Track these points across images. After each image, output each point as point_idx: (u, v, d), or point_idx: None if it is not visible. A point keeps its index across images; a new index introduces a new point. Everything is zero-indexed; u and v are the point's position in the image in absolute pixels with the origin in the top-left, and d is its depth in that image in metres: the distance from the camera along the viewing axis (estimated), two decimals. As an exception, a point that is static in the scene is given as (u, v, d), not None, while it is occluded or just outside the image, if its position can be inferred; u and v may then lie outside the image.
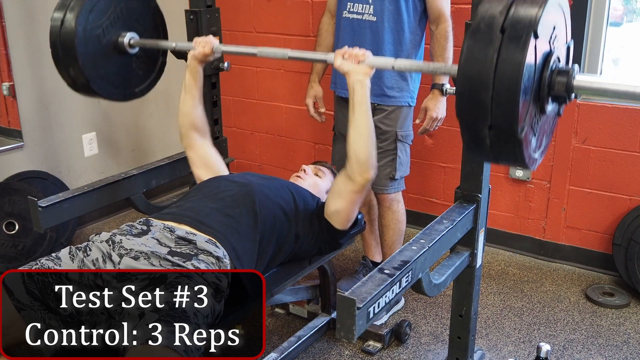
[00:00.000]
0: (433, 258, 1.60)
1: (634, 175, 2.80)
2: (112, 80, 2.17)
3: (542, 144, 1.42)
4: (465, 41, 1.22)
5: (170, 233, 1.70)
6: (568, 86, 1.29)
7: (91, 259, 1.63)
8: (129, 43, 2.16)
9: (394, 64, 1.69)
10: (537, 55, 1.22)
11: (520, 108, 1.18)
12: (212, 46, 2.04)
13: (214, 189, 1.92)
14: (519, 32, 1.18)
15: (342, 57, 1.77)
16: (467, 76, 1.22)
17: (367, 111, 1.76)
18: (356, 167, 1.79)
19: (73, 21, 2.00)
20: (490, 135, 1.23)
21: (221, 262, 1.66)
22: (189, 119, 2.12)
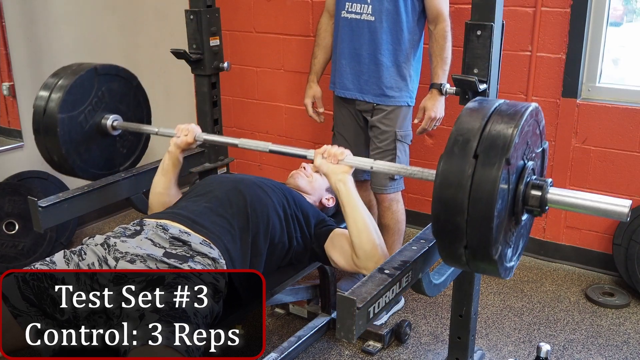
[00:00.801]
0: (433, 258, 1.60)
1: (634, 175, 2.80)
2: (95, 163, 2.19)
3: (519, 247, 1.46)
4: (440, 164, 1.26)
5: (164, 232, 1.69)
6: (542, 200, 1.33)
7: (87, 263, 1.62)
8: (112, 125, 2.16)
9: (372, 164, 1.70)
10: (510, 176, 1.25)
11: (494, 231, 1.22)
12: (194, 134, 2.03)
13: (207, 187, 1.93)
14: (491, 159, 1.21)
15: (322, 156, 1.75)
16: (442, 200, 1.26)
17: (357, 206, 1.73)
18: (364, 259, 1.74)
19: (55, 108, 2.00)
20: (466, 254, 1.27)
21: (217, 263, 1.66)
22: (162, 200, 2.09)
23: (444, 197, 1.25)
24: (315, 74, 2.70)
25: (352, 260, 1.78)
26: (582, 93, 2.89)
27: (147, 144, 2.38)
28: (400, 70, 2.47)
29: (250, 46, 3.68)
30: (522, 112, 1.28)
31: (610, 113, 2.79)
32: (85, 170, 2.16)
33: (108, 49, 3.38)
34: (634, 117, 2.74)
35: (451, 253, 1.30)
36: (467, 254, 1.27)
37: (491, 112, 1.28)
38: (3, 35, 2.99)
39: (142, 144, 2.37)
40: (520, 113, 1.27)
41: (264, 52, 3.65)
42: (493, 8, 1.66)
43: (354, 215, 1.73)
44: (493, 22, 1.63)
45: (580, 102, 2.84)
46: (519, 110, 1.29)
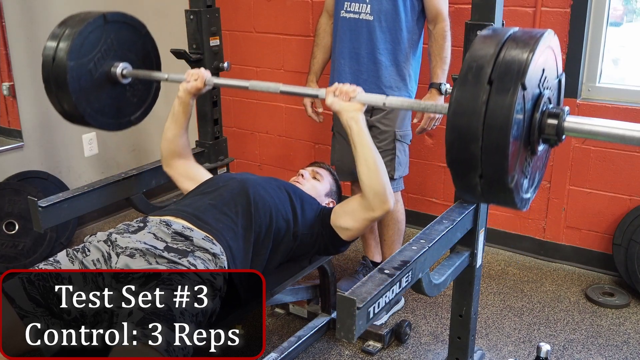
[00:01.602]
0: (433, 258, 1.60)
1: (634, 175, 2.80)
2: (106, 112, 2.15)
3: (535, 180, 1.43)
4: (454, 92, 1.23)
5: (167, 227, 1.70)
6: (558, 129, 1.30)
7: (91, 259, 1.63)
8: (122, 74, 2.14)
9: (384, 100, 1.69)
10: (525, 103, 1.22)
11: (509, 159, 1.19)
12: (204, 79, 2.04)
13: (211, 187, 1.93)
14: (506, 85, 1.18)
15: (333, 94, 1.76)
16: (456, 128, 1.23)
17: (368, 144, 1.76)
18: (374, 200, 1.78)
19: (65, 56, 1.98)
20: (482, 184, 1.25)
21: (218, 259, 1.66)
22: (172, 147, 2.12)
23: (458, 125, 1.22)
24: (314, 73, 2.70)
25: (360, 208, 1.82)
26: (582, 93, 2.89)
27: (157, 94, 2.34)
28: (400, 70, 2.47)
29: (250, 46, 3.68)
30: (537, 37, 1.24)
31: (610, 113, 2.79)
32: (95, 119, 2.12)
33: (108, 49, 3.38)
34: (634, 117, 2.74)
35: (466, 183, 1.27)
36: (482, 183, 1.24)
37: (505, 39, 1.24)
38: (3, 35, 2.99)
39: (153, 93, 2.32)
40: (535, 38, 1.23)
41: (264, 52, 3.66)
42: (493, 8, 1.66)
43: (364, 153, 1.75)
44: (493, 22, 1.63)
45: (580, 102, 2.84)
46: (534, 35, 1.25)
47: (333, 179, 2.25)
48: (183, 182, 2.13)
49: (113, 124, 2.20)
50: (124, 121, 2.23)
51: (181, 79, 2.07)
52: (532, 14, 2.83)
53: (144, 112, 2.31)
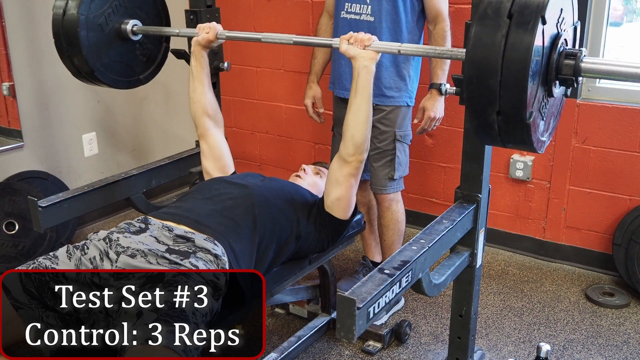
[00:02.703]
0: (433, 258, 1.60)
1: (634, 175, 2.80)
2: (116, 69, 2.18)
3: (550, 126, 1.42)
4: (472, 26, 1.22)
5: (169, 232, 1.70)
6: (576, 69, 1.29)
7: (89, 257, 1.63)
8: (132, 30, 2.16)
9: (399, 48, 1.70)
10: (544, 40, 1.21)
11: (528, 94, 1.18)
12: (215, 32, 2.05)
13: (214, 191, 1.93)
14: (526, 17, 1.17)
15: (348, 41, 1.78)
16: (475, 62, 1.21)
17: (368, 96, 1.79)
18: (351, 149, 1.83)
19: (75, 10, 2.01)
20: (499, 121, 1.24)
21: (219, 260, 1.66)
22: (201, 106, 2.14)
23: (477, 60, 1.21)
24: (315, 74, 2.70)
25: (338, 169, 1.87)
26: (582, 93, 2.89)
27: (167, 54, 2.37)
28: (400, 71, 2.47)
29: (250, 46, 3.68)
30: None
31: (610, 113, 2.79)
32: (105, 76, 2.15)
33: (108, 49, 3.38)
34: (634, 117, 2.74)
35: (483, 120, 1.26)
36: (500, 120, 1.23)
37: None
38: (3, 35, 2.99)
39: (162, 53, 2.35)
40: None
41: (264, 52, 3.65)
42: (493, 8, 1.66)
43: (361, 103, 1.79)
44: (493, 21, 1.63)
45: (580, 102, 2.84)
46: None
47: None
48: (207, 158, 2.16)
49: (122, 82, 2.23)
50: (133, 79, 2.27)
51: (193, 33, 2.09)
52: (532, 14, 2.83)
53: (153, 72, 2.34)
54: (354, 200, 1.97)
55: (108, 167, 3.56)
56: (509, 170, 3.07)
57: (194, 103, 2.15)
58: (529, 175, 3.02)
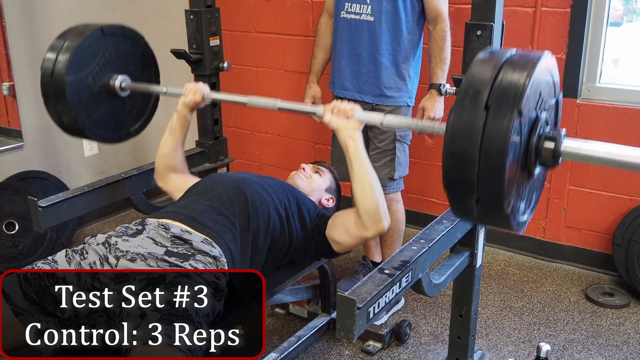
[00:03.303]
0: (433, 258, 1.60)
1: (634, 175, 2.80)
2: (106, 125, 2.15)
3: (532, 201, 1.43)
4: (451, 117, 1.24)
5: (165, 231, 1.69)
6: (555, 152, 1.31)
7: (88, 262, 1.62)
8: (121, 86, 2.14)
9: (382, 120, 1.68)
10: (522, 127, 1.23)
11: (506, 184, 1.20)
12: (202, 94, 2.03)
13: (208, 186, 1.93)
14: (502, 110, 1.18)
15: (331, 112, 1.76)
16: (453, 153, 1.23)
17: (364, 163, 1.75)
18: (367, 220, 1.75)
19: (63, 71, 1.98)
20: (478, 208, 1.25)
21: (218, 262, 1.66)
22: (168, 161, 2.10)
23: (455, 150, 1.22)
24: (314, 74, 2.70)
25: (355, 226, 1.79)
26: (582, 93, 2.89)
27: (157, 104, 2.34)
28: (400, 71, 2.47)
29: (250, 46, 3.68)
30: (534, 61, 1.24)
31: (610, 113, 2.79)
32: (95, 132, 2.13)
33: (108, 49, 3.38)
34: (634, 117, 2.74)
35: (463, 207, 1.27)
36: (479, 208, 1.24)
37: (503, 63, 1.25)
38: (3, 35, 2.99)
39: (152, 104, 2.33)
40: (532, 62, 1.23)
41: (264, 52, 3.65)
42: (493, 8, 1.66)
43: (360, 172, 1.74)
44: (493, 22, 1.63)
45: (580, 102, 2.84)
46: (531, 59, 1.25)
47: (333, 178, 2.25)
48: (178, 195, 2.08)
49: (113, 137, 2.20)
50: (124, 133, 2.24)
51: (180, 93, 2.07)
52: (532, 14, 2.83)
53: (143, 124, 2.31)
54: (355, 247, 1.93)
55: (108, 167, 3.56)
56: (509, 170, 3.07)
57: (161, 156, 2.11)
58: (529, 175, 3.02)
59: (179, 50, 2.36)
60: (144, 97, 2.27)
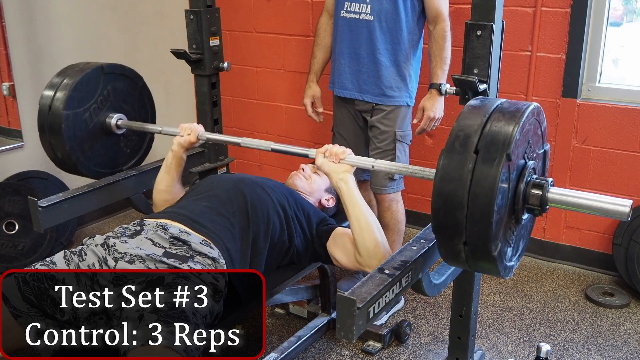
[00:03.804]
0: (433, 258, 1.60)
1: (634, 175, 2.80)
2: (99, 161, 2.20)
3: (519, 248, 1.45)
4: (441, 159, 1.26)
5: (164, 231, 1.69)
6: (542, 200, 1.33)
7: (87, 264, 1.62)
8: (117, 124, 2.18)
9: (374, 164, 1.70)
10: (510, 173, 1.25)
11: (494, 227, 1.21)
12: (197, 134, 2.04)
13: (207, 188, 1.93)
14: (492, 154, 1.21)
15: (323, 155, 1.76)
16: (442, 194, 1.25)
17: (359, 204, 1.73)
18: (368, 260, 1.74)
19: (61, 106, 2.01)
20: (466, 251, 1.27)
21: (217, 263, 1.66)
22: (166, 197, 2.10)
23: (444, 192, 1.25)
24: (314, 73, 2.70)
25: (355, 259, 1.78)
26: (582, 93, 2.89)
27: (151, 144, 2.39)
28: (400, 70, 2.47)
29: (250, 46, 3.68)
30: (523, 110, 1.28)
31: (610, 113, 2.79)
32: (88, 168, 2.17)
33: (108, 48, 3.38)
34: (634, 117, 2.74)
35: (450, 249, 1.30)
36: (467, 250, 1.26)
37: (492, 110, 1.29)
38: (3, 35, 2.99)
39: (146, 144, 2.38)
40: (521, 111, 1.28)
41: (264, 52, 3.65)
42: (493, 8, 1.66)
43: (356, 213, 1.73)
44: (493, 22, 1.63)
45: (580, 102, 2.84)
46: (520, 108, 1.29)
47: None
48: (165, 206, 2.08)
49: (105, 174, 2.23)
50: (116, 171, 2.27)
51: (174, 133, 2.08)
52: (532, 14, 2.83)
53: (136, 162, 2.36)
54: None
55: (108, 167, 3.55)
56: (509, 170, 3.07)
57: (157, 192, 2.11)
58: (529, 175, 3.02)
59: (179, 50, 2.36)
60: (138, 137, 2.33)
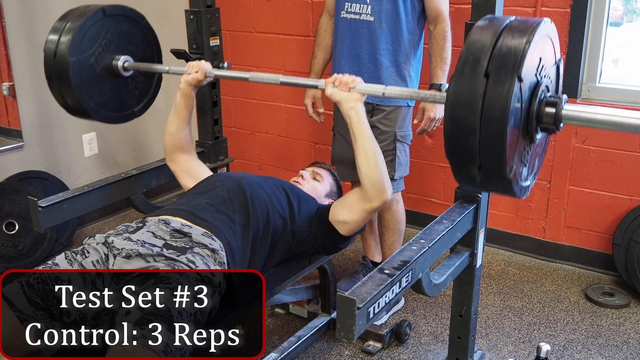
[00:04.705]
0: (433, 258, 1.60)
1: (634, 175, 2.80)
2: (109, 105, 2.18)
3: (535, 167, 1.43)
4: (451, 85, 1.24)
5: (166, 225, 1.70)
6: (556, 117, 1.30)
7: (90, 261, 1.63)
8: (123, 67, 2.16)
9: (384, 90, 1.70)
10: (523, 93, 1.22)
11: (507, 150, 1.20)
12: (204, 71, 2.05)
13: (209, 186, 1.94)
14: (502, 77, 1.18)
15: (333, 84, 1.78)
16: (454, 121, 1.24)
17: (367, 134, 1.77)
18: (372, 191, 1.79)
19: (66, 52, 1.99)
20: (480, 175, 1.26)
21: (217, 255, 1.66)
22: (175, 140, 2.13)
23: (456, 119, 1.23)
24: (315, 74, 2.70)
25: (359, 200, 1.83)
26: (582, 93, 2.89)
27: (159, 84, 2.37)
28: (400, 71, 2.47)
29: (250, 46, 3.68)
30: (533, 26, 1.24)
31: (610, 113, 2.79)
32: (99, 113, 2.15)
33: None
34: (634, 117, 2.74)
35: (465, 174, 1.28)
36: (481, 174, 1.25)
37: (502, 29, 1.24)
38: (3, 35, 2.99)
39: (155, 85, 2.35)
40: (532, 28, 1.23)
41: (264, 52, 3.65)
42: (493, 8, 1.66)
43: (363, 143, 1.76)
44: (493, 21, 1.63)
45: (580, 102, 2.84)
46: (530, 25, 1.25)
47: (333, 180, 2.25)
48: (184, 178, 2.13)
49: (116, 117, 2.23)
50: (127, 113, 2.26)
51: (182, 72, 2.09)
52: (532, 14, 2.83)
53: (146, 104, 2.33)
54: (362, 226, 1.95)
55: (108, 167, 3.56)
56: (509, 170, 3.07)
57: (168, 134, 2.13)
58: (529, 175, 3.02)
59: (179, 50, 2.36)
60: (146, 78, 2.30)
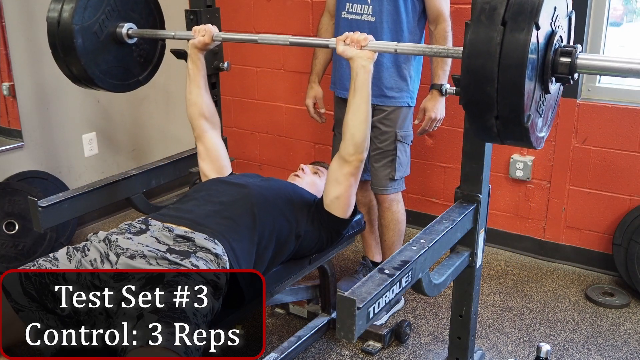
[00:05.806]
0: (433, 258, 1.60)
1: (634, 175, 2.80)
2: (114, 73, 2.20)
3: (549, 119, 1.44)
4: (468, 34, 1.23)
5: (169, 232, 1.70)
6: (572, 66, 1.31)
7: (89, 259, 1.63)
8: (127, 34, 2.17)
9: (396, 47, 1.71)
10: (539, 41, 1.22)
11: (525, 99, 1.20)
12: (211, 34, 2.06)
13: (212, 193, 1.93)
14: (520, 24, 1.19)
15: (344, 42, 1.79)
16: (471, 69, 1.23)
17: (366, 95, 1.80)
18: (351, 148, 1.84)
19: (69, 20, 2.01)
20: (497, 125, 1.26)
21: (220, 259, 1.66)
22: (197, 108, 2.14)
23: (473, 67, 1.23)
24: (316, 74, 2.69)
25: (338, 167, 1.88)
26: (582, 93, 2.89)
27: (163, 51, 2.38)
28: (401, 71, 2.47)
29: (250, 46, 3.68)
30: None
31: (610, 113, 2.79)
32: (104, 81, 2.17)
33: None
34: (634, 117, 2.74)
35: (482, 125, 1.28)
36: (498, 124, 1.25)
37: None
38: (3, 35, 2.99)
39: (159, 52, 2.37)
40: None
41: (264, 52, 3.65)
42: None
43: (360, 102, 1.80)
44: (493, 21, 1.63)
45: (580, 102, 2.84)
46: None
47: None
48: (204, 159, 2.16)
49: (122, 85, 2.25)
50: (132, 82, 2.28)
51: (189, 36, 2.10)
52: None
53: (151, 72, 2.35)
54: (354, 200, 1.98)
55: (108, 167, 3.56)
56: (509, 170, 3.07)
57: (190, 105, 2.15)
58: (529, 175, 3.02)
59: (179, 50, 2.36)
60: (150, 46, 2.31)
